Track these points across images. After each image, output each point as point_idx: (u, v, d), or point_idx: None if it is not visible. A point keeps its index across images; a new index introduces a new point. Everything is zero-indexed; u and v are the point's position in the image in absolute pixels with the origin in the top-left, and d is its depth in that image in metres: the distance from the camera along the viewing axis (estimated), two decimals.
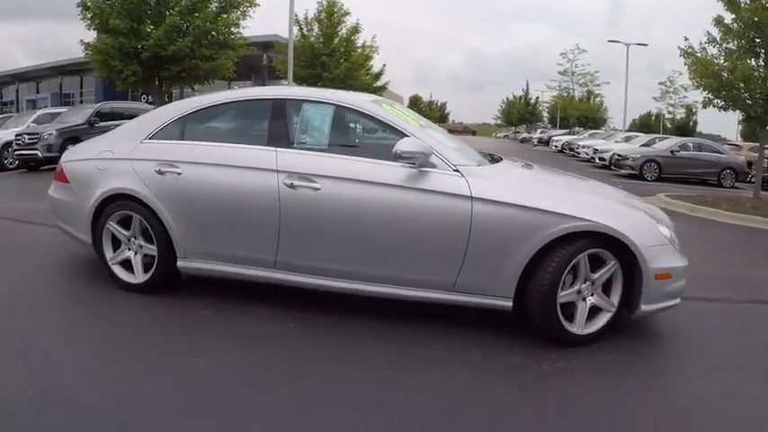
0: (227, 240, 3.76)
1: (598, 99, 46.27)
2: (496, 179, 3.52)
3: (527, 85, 67.50)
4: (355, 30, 21.34)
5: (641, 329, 3.79)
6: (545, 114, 61.89)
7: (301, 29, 20.41)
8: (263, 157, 3.60)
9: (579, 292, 3.41)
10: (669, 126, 44.66)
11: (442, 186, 3.35)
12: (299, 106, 3.82)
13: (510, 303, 3.36)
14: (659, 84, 43.16)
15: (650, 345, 3.62)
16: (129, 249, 4.05)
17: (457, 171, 3.40)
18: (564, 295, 3.34)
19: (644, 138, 23.27)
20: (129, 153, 3.97)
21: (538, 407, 2.73)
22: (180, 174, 3.79)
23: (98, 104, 13.54)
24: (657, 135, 26.68)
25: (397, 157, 3.34)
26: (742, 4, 12.40)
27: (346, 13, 21.13)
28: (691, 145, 18.96)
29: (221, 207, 3.70)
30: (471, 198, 3.30)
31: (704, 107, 14.39)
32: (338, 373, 2.94)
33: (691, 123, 44.11)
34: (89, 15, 13.32)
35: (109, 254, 4.09)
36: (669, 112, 43.90)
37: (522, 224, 3.25)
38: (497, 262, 3.30)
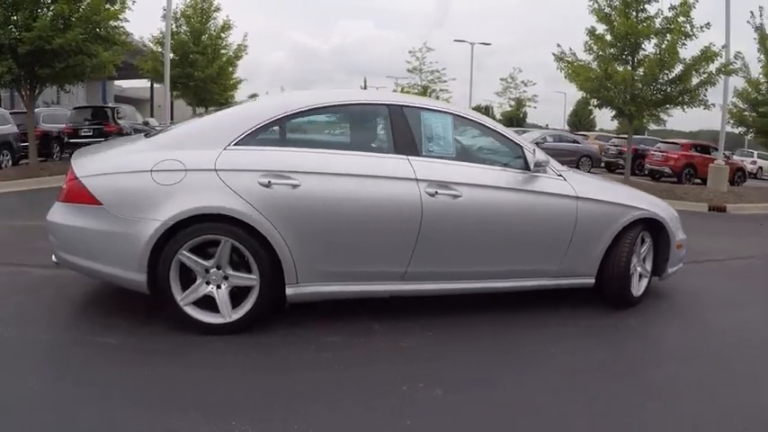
0: (353, 257, 3.38)
1: (443, 95, 49.07)
2: (582, 181, 4.10)
3: (365, 82, 69.19)
4: (226, 27, 19.96)
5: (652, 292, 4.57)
6: None
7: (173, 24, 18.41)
8: (399, 165, 3.44)
9: (634, 264, 4.15)
10: (499, 118, 49.48)
11: (554, 189, 3.85)
12: (418, 114, 3.72)
13: (593, 280, 4.04)
14: (501, 80, 47.03)
15: (664, 299, 4.62)
16: (209, 283, 3.22)
17: (560, 176, 3.94)
18: (631, 267, 4.10)
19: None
20: (212, 162, 3.19)
21: (616, 344, 3.74)
22: (297, 186, 3.21)
23: None
24: (515, 129, 29.30)
25: (536, 166, 3.78)
26: (614, 19, 14.30)
27: (217, 9, 19.67)
28: (551, 137, 21.35)
29: (351, 221, 3.32)
30: (577, 198, 3.88)
31: (586, 106, 16.34)
32: (489, 355, 3.38)
33: (521, 115, 48.66)
34: None
35: (178, 293, 3.19)
36: (511, 106, 47.97)
37: (607, 215, 3.97)
38: (590, 247, 3.95)
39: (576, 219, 3.87)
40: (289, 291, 3.28)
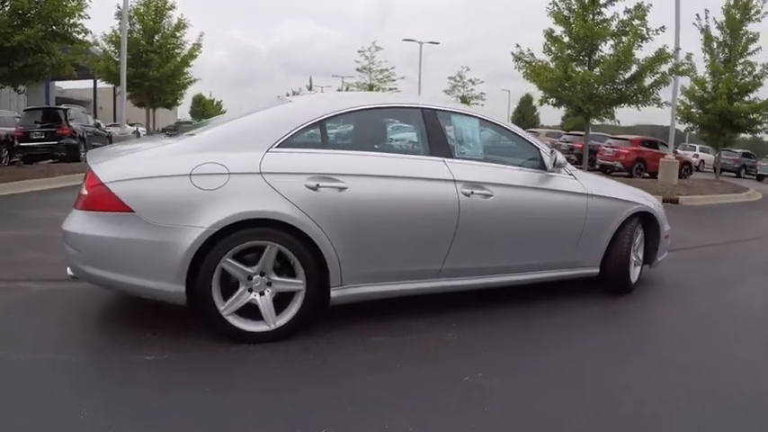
0: (394, 257, 3.43)
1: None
2: (588, 179, 4.42)
3: (310, 81, 68.48)
4: (181, 25, 19.39)
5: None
6: None
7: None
8: (437, 167, 3.55)
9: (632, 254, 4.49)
10: None
11: (568, 187, 4.11)
12: (449, 118, 3.86)
13: (597, 270, 4.35)
14: (449, 78, 47.59)
15: (654, 286, 5.01)
16: (252, 291, 3.09)
17: (571, 174, 4.20)
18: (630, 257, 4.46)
19: None
20: (257, 165, 3.09)
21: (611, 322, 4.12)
22: (344, 188, 3.20)
23: None
24: None
25: (556, 166, 4.05)
26: (572, 22, 14.87)
27: (171, 7, 19.07)
28: None
29: (394, 221, 3.37)
30: (587, 195, 4.17)
31: (540, 104, 16.87)
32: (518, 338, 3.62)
33: None
34: None
35: (220, 303, 3.02)
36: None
37: (611, 210, 4.29)
38: (596, 240, 4.26)
39: (586, 214, 4.14)
40: (333, 293, 3.24)
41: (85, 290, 3.64)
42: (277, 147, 3.20)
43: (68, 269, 3.24)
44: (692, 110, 19.40)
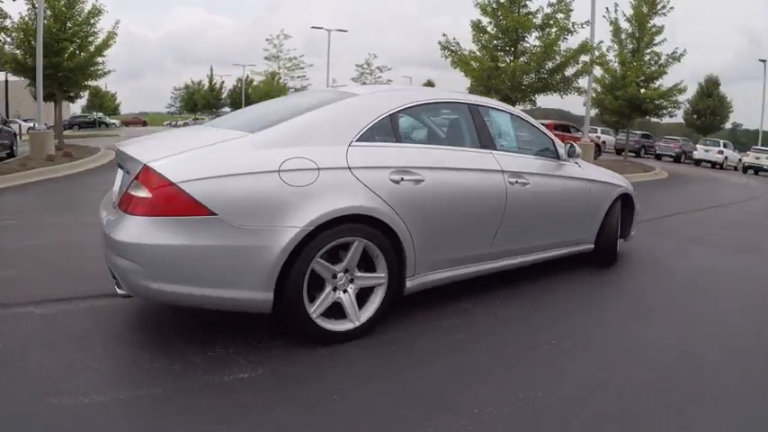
0: (456, 244, 3.57)
1: (302, 81, 48.38)
2: (587, 166, 4.85)
3: (211, 70, 65.96)
4: (95, 12, 18.07)
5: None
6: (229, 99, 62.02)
7: (34, 7, 16.23)
8: (488, 159, 3.78)
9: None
10: None
11: (575, 173, 4.53)
12: (488, 112, 4.11)
13: (593, 245, 4.84)
14: (356, 66, 47.54)
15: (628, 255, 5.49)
16: (336, 289, 2.97)
17: (576, 162, 4.64)
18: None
19: None
20: (345, 160, 2.99)
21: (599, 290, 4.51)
22: (421, 181, 3.25)
23: None
24: None
25: (572, 156, 4.52)
26: (499, 14, 15.58)
27: None
28: None
29: (460, 211, 3.52)
30: (589, 180, 4.64)
31: (469, 93, 17.51)
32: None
33: None
34: None
35: (309, 305, 2.83)
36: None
37: (605, 192, 4.81)
38: (594, 219, 4.75)
39: (589, 196, 4.63)
40: (408, 283, 3.26)
41: (102, 308, 3.32)
42: (357, 141, 3.14)
43: (118, 287, 2.80)
44: (603, 96, 20.89)
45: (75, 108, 50.28)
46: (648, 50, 19.88)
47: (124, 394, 2.34)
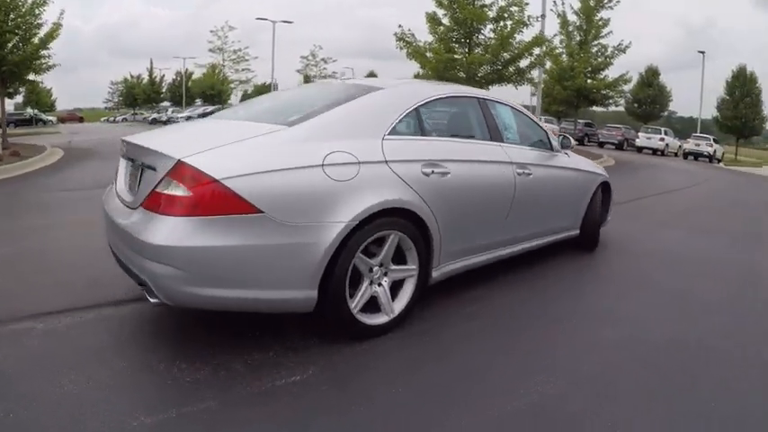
0: (471, 234, 3.63)
1: (247, 74, 47.46)
2: (574, 156, 5.04)
3: (151, 63, 63.55)
4: (40, 2, 17.08)
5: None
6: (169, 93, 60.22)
7: None
8: (499, 151, 3.90)
9: None
10: None
11: (568, 163, 4.74)
12: (495, 106, 4.18)
13: (579, 231, 5.06)
14: (301, 57, 47.10)
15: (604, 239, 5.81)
16: (372, 283, 2.95)
17: (566, 153, 4.83)
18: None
19: None
20: (381, 153, 2.98)
21: (577, 271, 4.70)
22: (447, 174, 3.30)
23: None
24: None
25: (564, 147, 4.76)
26: (455, 6, 15.79)
27: None
28: None
29: (478, 201, 3.62)
30: (576, 169, 4.87)
31: None
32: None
33: None
34: None
35: (350, 301, 2.80)
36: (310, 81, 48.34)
37: (590, 180, 5.07)
38: (581, 206, 4.98)
39: (578, 185, 4.86)
40: (434, 274, 3.30)
41: (111, 318, 3.09)
42: (389, 134, 3.13)
43: (149, 296, 2.56)
44: (552, 86, 21.54)
45: (9, 105, 47.63)
46: (595, 42, 20.62)
47: (178, 411, 2.16)
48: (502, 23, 15.60)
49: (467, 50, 16.25)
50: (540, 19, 15.46)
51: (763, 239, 6.79)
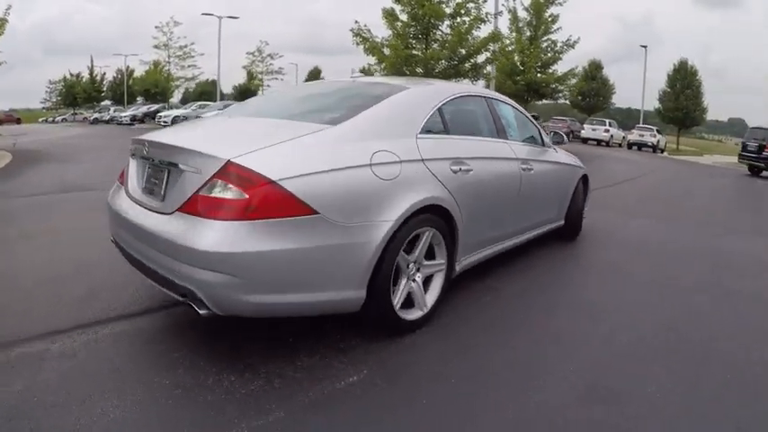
0: (485, 227, 3.74)
1: (193, 70, 46.13)
2: (560, 151, 5.26)
3: (91, 61, 60.82)
4: None
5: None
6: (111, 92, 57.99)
7: None
8: (506, 148, 4.09)
9: None
10: (230, 91, 49.55)
11: (557, 158, 4.98)
12: (499, 104, 4.34)
13: (563, 222, 5.28)
14: (247, 53, 46.22)
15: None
16: (408, 279, 2.98)
17: (553, 148, 5.08)
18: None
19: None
20: (417, 152, 3.03)
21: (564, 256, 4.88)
22: (470, 170, 3.40)
23: None
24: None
25: (556, 144, 5.09)
26: (413, 2, 15.95)
27: None
28: None
29: (494, 196, 3.77)
30: (565, 163, 5.13)
31: (317, 77, 17.89)
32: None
33: (252, 88, 48.63)
34: None
35: (393, 298, 2.85)
36: (260, 80, 47.45)
37: (573, 173, 5.32)
38: (566, 198, 5.22)
39: (565, 178, 5.10)
40: (456, 267, 3.39)
41: (129, 332, 2.90)
42: (420, 133, 3.19)
43: (200, 307, 2.39)
44: (503, 81, 22.04)
45: None
46: (545, 38, 21.24)
47: (248, 426, 2.09)
48: (459, 20, 15.83)
49: (424, 46, 16.42)
50: (498, 15, 15.80)
51: (723, 226, 7.28)
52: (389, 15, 16.62)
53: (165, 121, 29.15)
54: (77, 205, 6.63)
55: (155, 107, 37.65)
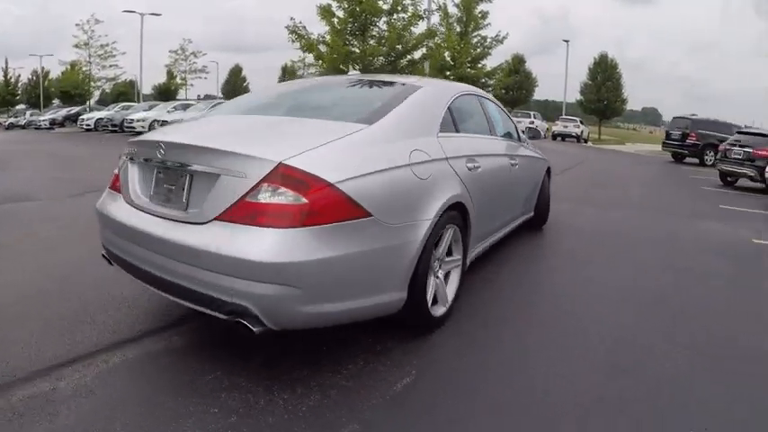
0: (485, 222, 3.77)
1: (115, 70, 43.63)
2: (530, 145, 5.43)
3: (6, 62, 56.06)
4: None
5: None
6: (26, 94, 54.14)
7: None
8: (499, 144, 4.28)
9: None
10: (150, 91, 47.69)
11: (531, 153, 5.21)
12: (486, 102, 4.43)
13: (533, 213, 5.50)
14: (170, 52, 44.30)
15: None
16: (433, 276, 2.94)
17: (527, 143, 5.29)
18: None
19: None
20: (441, 150, 3.04)
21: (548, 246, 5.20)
22: (479, 168, 3.47)
23: None
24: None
25: (533, 139, 5.27)
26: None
27: None
28: None
29: (493, 193, 3.84)
30: (535, 158, 5.32)
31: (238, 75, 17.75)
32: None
33: (173, 88, 46.96)
34: None
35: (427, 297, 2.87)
36: (182, 79, 45.60)
37: (541, 166, 5.53)
38: (536, 190, 5.42)
39: (535, 171, 5.29)
40: (467, 262, 3.42)
41: (141, 357, 2.60)
42: (440, 132, 3.20)
43: (253, 324, 2.18)
44: (435, 76, 22.43)
45: None
46: (475, 34, 21.77)
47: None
48: (396, 16, 15.93)
49: (362, 43, 16.40)
50: (435, 12, 16.11)
51: (665, 211, 7.89)
52: (326, 12, 16.44)
53: (86, 125, 27.52)
54: (21, 219, 5.94)
55: (75, 110, 35.50)
